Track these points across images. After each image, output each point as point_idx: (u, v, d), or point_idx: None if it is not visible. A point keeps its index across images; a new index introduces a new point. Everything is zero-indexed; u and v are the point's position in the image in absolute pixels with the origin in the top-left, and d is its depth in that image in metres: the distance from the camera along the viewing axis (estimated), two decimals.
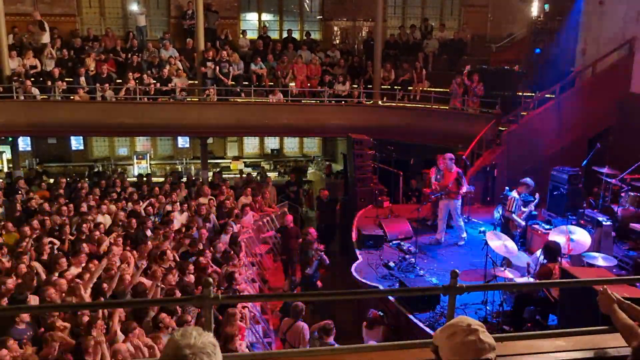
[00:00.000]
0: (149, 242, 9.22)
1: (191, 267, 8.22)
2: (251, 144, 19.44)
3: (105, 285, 7.19)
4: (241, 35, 17.25)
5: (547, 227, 9.41)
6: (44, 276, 7.66)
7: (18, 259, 7.84)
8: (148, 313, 6.80)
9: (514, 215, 9.62)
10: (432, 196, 10.68)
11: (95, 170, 17.05)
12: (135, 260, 8.36)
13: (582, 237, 8.06)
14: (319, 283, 9.91)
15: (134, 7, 17.01)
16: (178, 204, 11.75)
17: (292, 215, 12.05)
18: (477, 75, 14.23)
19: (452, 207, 10.34)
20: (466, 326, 1.93)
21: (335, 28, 18.82)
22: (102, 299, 7.01)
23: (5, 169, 16.26)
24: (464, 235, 10.57)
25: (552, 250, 7.26)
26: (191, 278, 8.05)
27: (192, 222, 10.65)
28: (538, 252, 7.93)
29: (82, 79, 14.48)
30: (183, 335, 1.69)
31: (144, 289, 7.23)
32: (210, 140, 17.67)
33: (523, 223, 9.67)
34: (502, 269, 7.65)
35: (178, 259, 8.87)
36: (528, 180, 9.89)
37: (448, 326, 1.99)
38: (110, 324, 6.30)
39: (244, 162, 18.40)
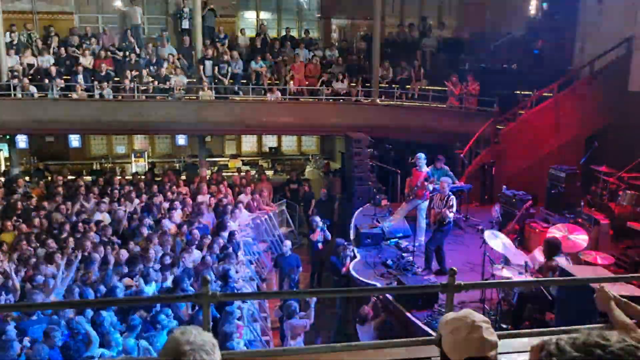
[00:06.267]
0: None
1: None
2: (249, 142, 19.43)
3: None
4: (240, 34, 17.19)
5: (545, 225, 9.41)
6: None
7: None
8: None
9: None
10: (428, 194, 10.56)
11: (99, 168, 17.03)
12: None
13: (579, 235, 8.08)
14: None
15: (127, 5, 16.90)
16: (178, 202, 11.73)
17: (289, 240, 11.20)
18: (472, 75, 14.24)
19: (418, 207, 10.13)
20: (470, 322, 1.93)
21: (334, 26, 18.79)
22: None
23: (3, 167, 16.22)
24: (422, 238, 10.07)
25: (552, 246, 7.25)
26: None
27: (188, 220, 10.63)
28: (536, 251, 7.93)
29: (80, 77, 14.45)
30: (183, 332, 1.76)
31: None
32: (208, 139, 17.66)
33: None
34: (499, 266, 7.65)
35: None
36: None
37: (453, 319, 2.00)
38: None
39: (242, 161, 18.39)
